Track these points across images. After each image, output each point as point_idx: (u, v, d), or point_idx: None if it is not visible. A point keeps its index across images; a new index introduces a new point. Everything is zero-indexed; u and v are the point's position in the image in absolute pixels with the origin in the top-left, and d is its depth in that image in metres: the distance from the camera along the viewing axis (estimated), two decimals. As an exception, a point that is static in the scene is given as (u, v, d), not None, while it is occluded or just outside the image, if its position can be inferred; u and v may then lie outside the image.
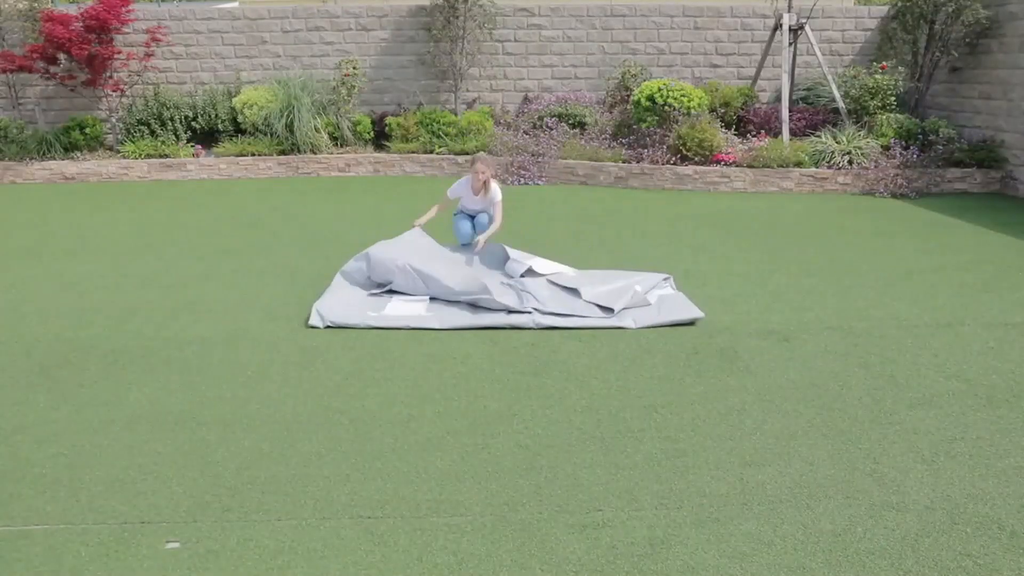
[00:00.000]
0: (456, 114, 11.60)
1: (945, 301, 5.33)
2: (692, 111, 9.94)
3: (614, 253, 6.63)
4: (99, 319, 5.08)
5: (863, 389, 3.96)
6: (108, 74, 11.12)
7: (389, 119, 11.31)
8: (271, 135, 11.14)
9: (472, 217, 6.40)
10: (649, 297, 5.28)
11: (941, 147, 9.59)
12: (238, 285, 5.83)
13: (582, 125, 11.00)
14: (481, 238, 6.12)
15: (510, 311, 5.00)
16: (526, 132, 10.93)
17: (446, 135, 11.04)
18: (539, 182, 10.19)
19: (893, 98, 10.21)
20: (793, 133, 10.28)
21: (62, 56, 10.79)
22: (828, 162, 9.51)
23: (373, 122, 11.47)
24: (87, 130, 11.15)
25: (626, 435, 3.50)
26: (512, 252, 5.82)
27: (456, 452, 3.36)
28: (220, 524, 2.85)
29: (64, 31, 10.36)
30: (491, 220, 6.31)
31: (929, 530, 2.79)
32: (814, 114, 10.65)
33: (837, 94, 10.33)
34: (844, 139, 9.66)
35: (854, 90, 10.34)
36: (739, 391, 3.94)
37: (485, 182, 6.26)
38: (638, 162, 9.99)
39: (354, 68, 11.43)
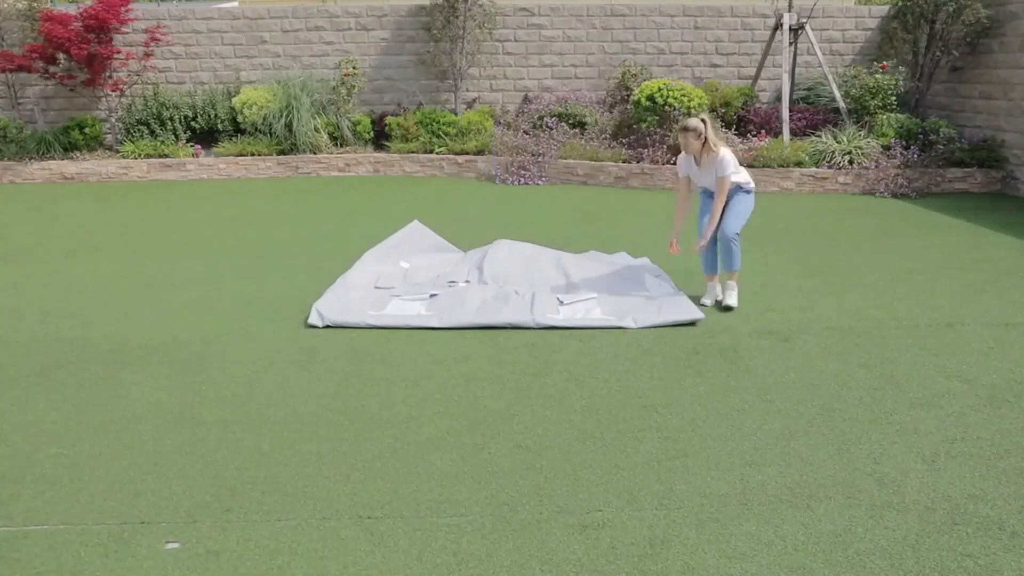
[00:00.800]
0: (456, 114, 11.60)
1: (945, 301, 5.33)
2: (692, 111, 9.94)
3: (614, 252, 6.62)
4: (99, 319, 5.08)
5: (863, 389, 3.96)
6: (107, 74, 11.11)
7: (389, 119, 11.30)
8: (271, 135, 11.14)
9: (711, 196, 5.22)
10: (649, 290, 5.45)
11: (942, 147, 9.58)
12: (238, 285, 5.83)
13: (582, 125, 10.99)
14: (705, 234, 5.16)
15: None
16: (526, 132, 10.93)
17: (446, 135, 11.04)
18: (539, 182, 10.19)
19: (893, 98, 10.20)
20: (793, 133, 10.27)
21: (61, 56, 10.78)
22: (828, 162, 9.51)
23: (373, 122, 11.46)
24: (86, 130, 11.14)
25: (626, 435, 3.50)
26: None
27: (456, 452, 3.36)
28: (220, 524, 2.85)
29: (63, 31, 10.35)
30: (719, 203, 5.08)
31: (929, 530, 2.79)
32: (814, 114, 10.65)
33: (837, 94, 10.32)
34: (844, 139, 9.65)
35: (854, 90, 10.34)
36: (739, 391, 3.94)
37: (704, 144, 4.98)
38: (638, 162, 9.99)
39: (354, 68, 11.43)
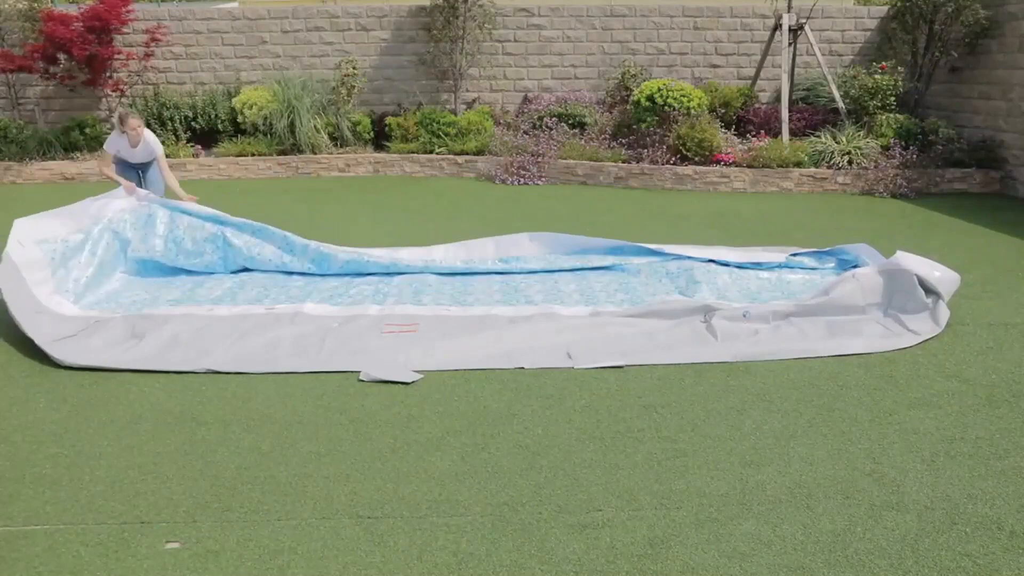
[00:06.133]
0: (456, 114, 11.60)
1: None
2: (692, 111, 9.94)
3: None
4: (99, 319, 5.07)
5: (863, 389, 3.96)
6: (108, 74, 11.11)
7: (389, 119, 11.31)
8: (271, 135, 11.14)
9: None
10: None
11: (941, 147, 9.58)
12: (238, 285, 5.82)
13: (582, 125, 10.99)
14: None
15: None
16: (526, 132, 10.92)
17: (446, 135, 11.04)
18: (539, 182, 10.19)
19: (893, 98, 10.19)
20: (793, 133, 10.27)
21: (62, 56, 10.78)
22: (828, 162, 9.51)
23: (373, 122, 11.46)
24: (87, 130, 11.13)
25: (626, 435, 3.50)
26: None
27: (456, 452, 3.36)
28: (220, 524, 2.85)
29: (64, 31, 10.35)
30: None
31: (929, 530, 2.79)
32: (814, 114, 10.65)
33: (837, 94, 10.32)
34: (844, 139, 9.66)
35: (854, 90, 10.34)
36: (738, 391, 3.95)
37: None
38: (638, 162, 9.99)
39: (354, 68, 11.43)
